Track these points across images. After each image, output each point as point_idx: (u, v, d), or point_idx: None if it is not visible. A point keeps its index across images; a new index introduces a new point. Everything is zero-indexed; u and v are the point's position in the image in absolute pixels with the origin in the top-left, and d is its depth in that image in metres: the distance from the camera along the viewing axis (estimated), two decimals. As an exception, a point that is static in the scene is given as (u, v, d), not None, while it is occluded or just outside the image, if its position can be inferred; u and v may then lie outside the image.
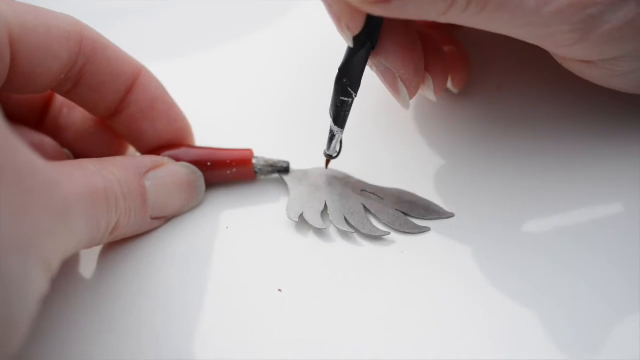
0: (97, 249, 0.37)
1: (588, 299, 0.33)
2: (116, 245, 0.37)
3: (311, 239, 0.37)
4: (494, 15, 0.31)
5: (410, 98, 0.37)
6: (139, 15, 0.54)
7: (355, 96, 0.36)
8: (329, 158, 0.39)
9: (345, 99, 0.36)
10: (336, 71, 0.35)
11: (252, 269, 0.36)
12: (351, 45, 0.34)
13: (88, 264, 0.37)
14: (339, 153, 0.38)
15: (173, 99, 0.40)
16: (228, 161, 0.39)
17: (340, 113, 0.36)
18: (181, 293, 0.35)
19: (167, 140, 0.39)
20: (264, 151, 0.40)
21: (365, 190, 0.40)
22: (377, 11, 0.30)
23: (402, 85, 0.36)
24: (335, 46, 0.37)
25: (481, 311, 0.33)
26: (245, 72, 0.48)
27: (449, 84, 0.41)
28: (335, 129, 0.37)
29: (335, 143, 0.38)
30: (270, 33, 0.51)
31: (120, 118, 0.39)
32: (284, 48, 0.50)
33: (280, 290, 0.35)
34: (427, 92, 0.39)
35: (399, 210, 0.38)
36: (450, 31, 0.42)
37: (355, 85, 0.35)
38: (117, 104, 0.38)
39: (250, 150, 0.40)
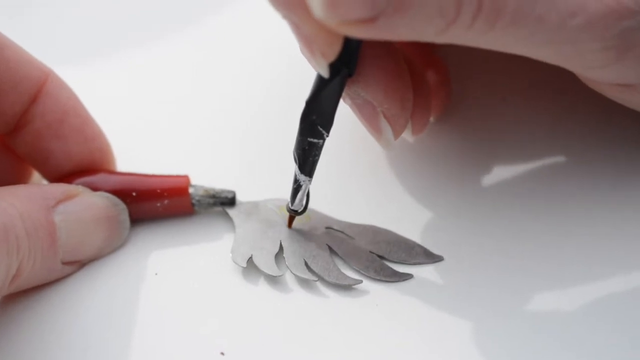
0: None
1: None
2: (18, 296, 0.35)
3: (262, 288, 0.35)
4: (507, 32, 0.28)
5: (395, 138, 0.34)
6: (46, 7, 0.52)
7: (327, 136, 0.33)
8: (294, 214, 0.36)
9: (315, 140, 0.32)
10: (298, 82, 0.34)
11: (188, 326, 0.33)
12: (326, 76, 0.31)
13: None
14: (305, 207, 0.35)
15: (88, 111, 0.38)
16: (158, 190, 0.37)
17: (308, 158, 0.33)
18: (99, 357, 0.32)
19: (81, 163, 0.37)
20: (204, 178, 0.38)
21: (332, 228, 0.37)
22: (360, 33, 0.26)
23: (385, 122, 0.33)
24: (289, 44, 0.34)
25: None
26: (180, 79, 0.47)
27: None
28: (302, 177, 0.34)
29: (302, 195, 0.35)
30: (210, 28, 0.50)
31: (22, 135, 0.37)
32: (230, 46, 0.48)
33: (222, 353, 0.32)
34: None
35: (373, 253, 0.36)
36: (429, 50, 0.40)
37: (327, 124, 0.32)
38: (18, 118, 0.36)
39: (186, 177, 0.37)
